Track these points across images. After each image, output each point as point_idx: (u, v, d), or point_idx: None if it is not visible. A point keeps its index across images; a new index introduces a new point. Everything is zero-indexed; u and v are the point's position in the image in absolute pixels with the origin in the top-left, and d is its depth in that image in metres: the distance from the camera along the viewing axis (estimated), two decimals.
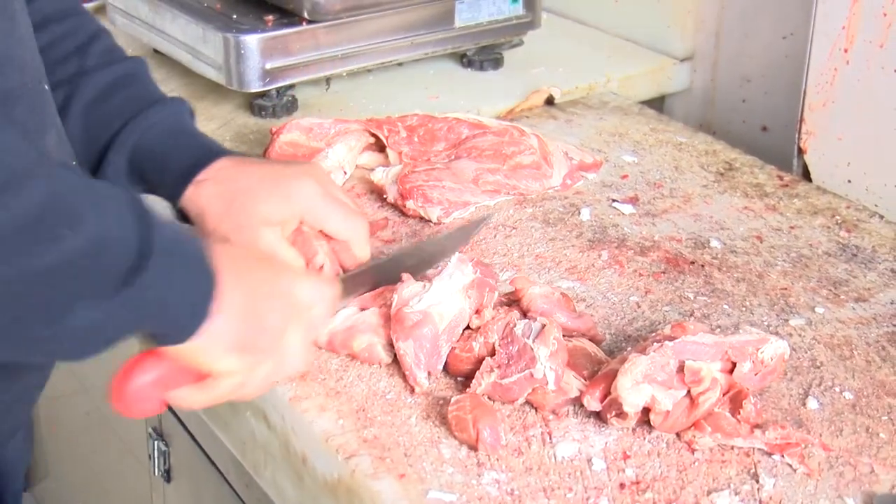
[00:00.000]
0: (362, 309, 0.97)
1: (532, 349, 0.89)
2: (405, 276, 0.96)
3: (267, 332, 0.80)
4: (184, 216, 1.00)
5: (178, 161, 0.99)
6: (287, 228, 0.98)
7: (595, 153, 1.34)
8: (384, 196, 1.20)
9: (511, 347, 0.90)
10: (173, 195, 0.99)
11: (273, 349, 0.82)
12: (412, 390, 0.91)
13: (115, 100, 1.01)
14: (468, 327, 0.95)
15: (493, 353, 0.91)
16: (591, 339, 0.96)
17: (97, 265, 0.67)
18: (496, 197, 1.22)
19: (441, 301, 0.93)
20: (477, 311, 0.95)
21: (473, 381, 0.90)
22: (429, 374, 0.92)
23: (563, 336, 0.91)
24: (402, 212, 1.18)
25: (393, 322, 0.93)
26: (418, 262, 1.03)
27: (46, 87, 0.89)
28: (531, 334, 0.90)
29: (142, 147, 1.00)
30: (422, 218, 1.17)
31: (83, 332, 0.69)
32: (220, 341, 0.77)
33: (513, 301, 0.97)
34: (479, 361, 0.91)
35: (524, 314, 0.95)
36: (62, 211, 0.65)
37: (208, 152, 1.00)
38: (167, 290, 0.71)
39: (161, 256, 0.70)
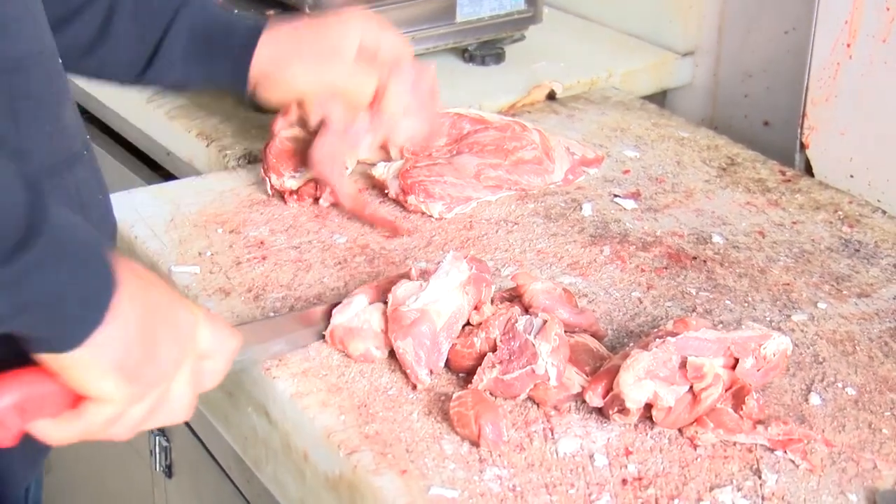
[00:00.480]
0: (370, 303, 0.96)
1: (534, 345, 0.88)
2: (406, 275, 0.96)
3: (157, 363, 0.72)
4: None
5: (239, 29, 1.09)
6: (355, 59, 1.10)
7: (597, 148, 1.33)
8: (385, 191, 1.20)
9: (513, 343, 0.90)
10: (241, 60, 1.08)
11: (157, 385, 0.74)
12: (414, 387, 0.91)
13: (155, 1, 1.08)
14: (468, 323, 0.95)
15: (494, 349, 0.91)
16: (594, 335, 0.96)
17: None
18: (498, 192, 1.22)
19: (438, 298, 0.93)
20: (476, 308, 0.95)
21: (475, 376, 0.90)
22: (430, 371, 0.92)
23: (565, 332, 0.91)
24: (404, 207, 1.18)
25: (390, 322, 0.93)
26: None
27: (59, 61, 0.89)
28: (532, 330, 0.90)
29: (199, 25, 1.08)
30: (423, 213, 1.17)
31: None
32: (104, 357, 0.68)
33: (514, 297, 0.97)
34: (481, 357, 0.91)
35: (525, 310, 0.94)
36: None
37: (260, 22, 1.10)
38: (55, 279, 0.64)
39: (54, 240, 0.63)
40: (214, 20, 1.10)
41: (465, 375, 0.93)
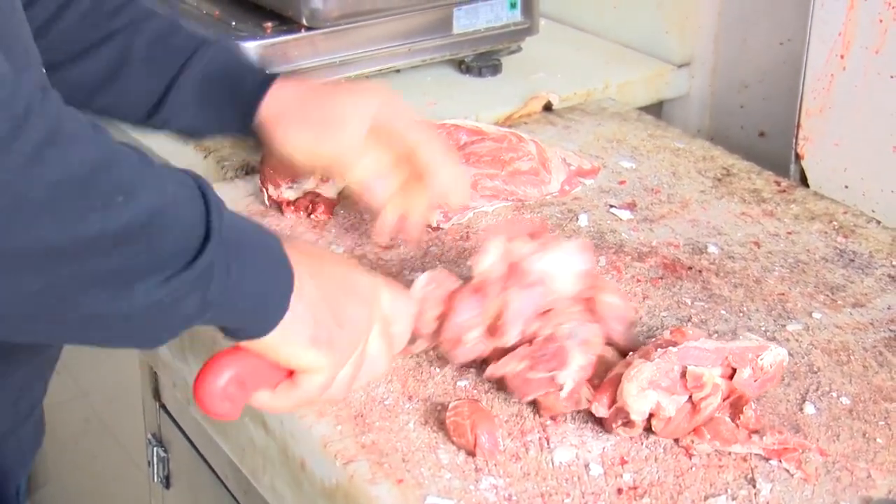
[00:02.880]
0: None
1: (568, 354, 0.88)
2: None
3: (348, 328, 0.77)
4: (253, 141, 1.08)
5: (249, 78, 1.08)
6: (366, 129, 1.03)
7: (593, 159, 1.34)
8: None
9: (548, 345, 0.89)
10: (247, 110, 1.05)
11: (355, 346, 0.79)
12: (409, 397, 0.92)
13: (175, 39, 1.08)
14: None
15: (531, 342, 0.90)
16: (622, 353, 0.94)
17: (156, 242, 0.64)
18: (494, 202, 1.22)
19: (552, 273, 0.92)
20: (570, 299, 0.93)
21: (499, 362, 0.89)
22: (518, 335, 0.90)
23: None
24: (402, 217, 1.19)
25: (511, 270, 0.91)
26: None
27: (43, 70, 0.89)
28: (573, 340, 0.89)
29: (211, 73, 1.07)
30: None
31: (146, 313, 0.65)
32: (300, 334, 0.74)
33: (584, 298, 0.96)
34: (513, 347, 0.91)
35: (591, 313, 0.94)
36: (116, 176, 0.62)
37: (272, 74, 1.08)
38: (237, 278, 0.68)
39: (229, 241, 0.67)
40: (226, 66, 1.09)
41: (478, 368, 0.93)
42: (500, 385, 0.91)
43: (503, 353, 0.91)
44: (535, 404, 0.90)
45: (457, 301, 0.92)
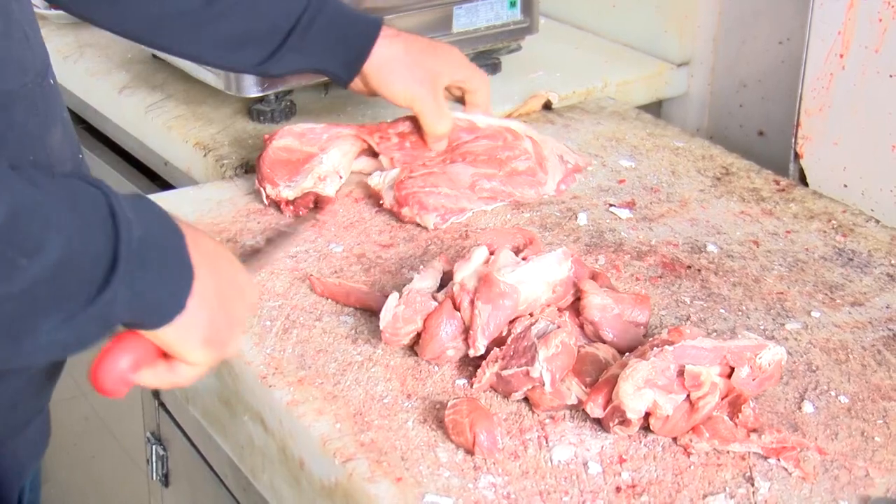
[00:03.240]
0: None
1: (535, 348, 0.89)
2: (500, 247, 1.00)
3: (232, 324, 0.81)
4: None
5: (360, 23, 1.22)
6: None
7: (592, 158, 1.34)
8: (381, 201, 1.21)
9: (520, 343, 0.92)
10: (356, 57, 1.20)
11: (232, 339, 0.82)
12: (408, 396, 0.92)
13: None
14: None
15: (501, 345, 0.93)
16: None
17: (59, 289, 0.66)
18: (492, 203, 1.22)
19: (527, 282, 0.94)
20: (548, 305, 0.96)
21: (479, 370, 0.92)
22: (487, 343, 0.93)
23: (588, 343, 0.93)
24: (399, 217, 1.19)
25: (481, 281, 0.94)
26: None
27: (52, 81, 0.90)
28: (539, 334, 0.91)
29: (322, 23, 1.18)
30: (418, 224, 1.18)
31: (48, 348, 0.68)
32: (194, 334, 0.76)
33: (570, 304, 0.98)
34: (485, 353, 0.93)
35: (578, 316, 0.96)
36: (19, 237, 0.63)
37: (376, 20, 1.23)
38: (140, 288, 0.70)
39: (135, 257, 0.69)
40: (338, 11, 1.20)
41: (467, 378, 0.94)
42: (494, 389, 0.92)
43: (479, 360, 0.93)
44: (530, 402, 0.91)
45: (432, 322, 0.94)
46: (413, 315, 0.95)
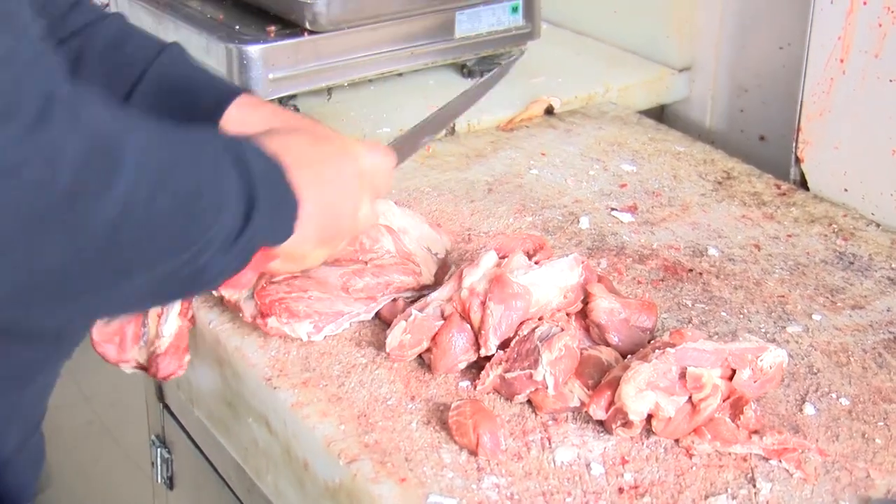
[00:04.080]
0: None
1: (538, 351, 0.90)
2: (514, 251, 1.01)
3: (344, 217, 0.89)
4: None
5: (210, 89, 1.07)
6: None
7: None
8: (240, 314, 1.01)
9: (523, 346, 0.92)
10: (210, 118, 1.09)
11: (351, 228, 0.91)
12: (412, 397, 0.92)
13: (128, 47, 1.06)
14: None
15: (505, 347, 0.93)
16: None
17: (221, 229, 0.73)
18: (372, 303, 1.03)
19: (539, 286, 0.95)
20: (559, 310, 0.97)
21: (483, 372, 0.93)
22: (500, 342, 0.94)
23: (591, 347, 0.94)
24: (264, 331, 0.99)
25: (494, 281, 0.95)
26: (449, 115, 1.14)
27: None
28: (543, 338, 0.92)
29: (169, 81, 1.06)
30: (287, 336, 0.99)
31: (213, 275, 0.76)
32: (307, 241, 0.85)
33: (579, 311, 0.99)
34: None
35: (584, 319, 0.97)
36: (202, 204, 0.71)
37: (230, 91, 1.08)
38: (270, 223, 0.78)
39: (263, 202, 0.76)
40: (186, 76, 1.06)
41: (470, 382, 0.94)
42: (497, 391, 0.92)
43: (483, 362, 0.94)
44: (533, 404, 0.91)
45: (443, 338, 0.95)
46: (419, 338, 0.95)
